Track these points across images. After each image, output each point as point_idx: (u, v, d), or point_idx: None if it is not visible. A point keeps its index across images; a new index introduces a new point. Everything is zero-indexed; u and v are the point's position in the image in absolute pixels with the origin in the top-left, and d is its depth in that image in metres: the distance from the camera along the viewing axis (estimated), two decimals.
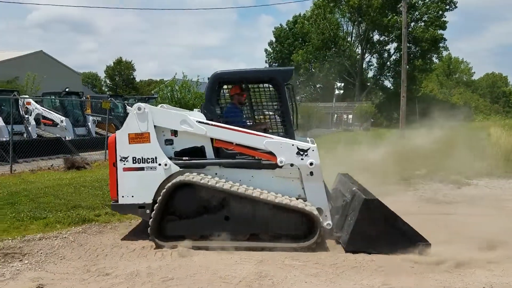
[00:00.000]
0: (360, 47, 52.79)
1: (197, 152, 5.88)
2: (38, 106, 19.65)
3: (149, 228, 5.47)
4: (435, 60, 52.16)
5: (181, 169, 5.69)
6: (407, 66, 29.56)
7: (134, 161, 5.73)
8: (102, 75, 68.50)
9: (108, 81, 66.94)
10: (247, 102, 6.42)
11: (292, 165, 5.61)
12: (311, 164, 5.57)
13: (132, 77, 67.26)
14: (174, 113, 6.01)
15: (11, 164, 11.88)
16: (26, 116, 18.56)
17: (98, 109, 22.36)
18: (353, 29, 53.54)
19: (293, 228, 5.44)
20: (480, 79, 76.07)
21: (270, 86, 6.24)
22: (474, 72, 79.42)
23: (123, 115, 24.33)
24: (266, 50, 58.30)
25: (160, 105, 6.63)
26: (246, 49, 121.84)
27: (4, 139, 14.62)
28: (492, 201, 8.45)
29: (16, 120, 15.45)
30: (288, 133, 5.97)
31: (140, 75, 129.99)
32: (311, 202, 5.61)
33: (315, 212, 5.39)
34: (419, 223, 6.59)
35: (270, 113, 6.42)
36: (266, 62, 58.64)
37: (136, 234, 6.10)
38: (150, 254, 5.24)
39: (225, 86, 6.46)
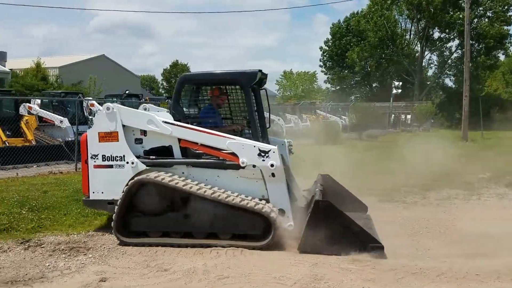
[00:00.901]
0: (419, 45, 50.88)
1: (166, 151, 6.01)
2: (101, 107, 20.61)
3: (112, 223, 5.66)
4: (501, 57, 49.29)
5: (147, 168, 5.83)
6: (470, 64, 28.12)
7: (104, 159, 5.93)
8: (159, 77, 70.81)
9: (164, 84, 69.04)
10: (225, 104, 6.65)
11: (254, 166, 5.63)
12: (272, 165, 5.56)
13: None
14: (141, 113, 6.19)
15: (76, 162, 12.53)
16: (90, 117, 19.50)
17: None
18: (411, 26, 51.74)
19: (250, 229, 5.49)
20: None
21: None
22: None
23: None
24: (321, 48, 57.63)
25: (142, 105, 6.85)
26: (301, 49, 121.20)
27: (70, 139, 15.46)
28: None
29: (81, 121, 16.26)
30: (254, 135, 6.01)
31: None
32: (274, 203, 5.62)
33: (272, 214, 5.36)
34: (485, 228, 6.28)
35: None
36: (320, 61, 57.92)
37: None
38: (206, 252, 5.32)
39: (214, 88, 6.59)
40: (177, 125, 5.88)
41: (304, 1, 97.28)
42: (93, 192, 6.03)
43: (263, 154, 5.60)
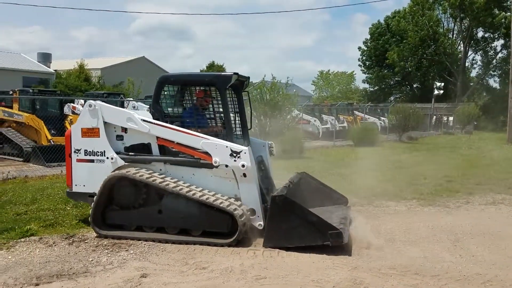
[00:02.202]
0: (462, 45, 49.22)
1: (145, 148, 6.18)
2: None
3: (89, 216, 5.90)
4: None
5: (126, 163, 6.03)
6: None
7: (86, 153, 6.22)
8: None
9: None
10: (209, 105, 6.82)
11: (226, 166, 5.76)
12: (243, 166, 5.68)
13: None
14: (121, 111, 6.43)
15: None
16: None
17: None
18: (454, 26, 50.12)
19: (219, 226, 5.61)
20: None
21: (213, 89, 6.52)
22: None
23: None
24: (359, 48, 56.77)
25: (131, 103, 7.01)
26: (339, 49, 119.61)
27: None
28: None
29: None
30: (228, 135, 6.11)
31: None
32: (245, 202, 5.79)
33: (236, 211, 5.47)
34: None
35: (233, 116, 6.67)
36: (359, 60, 56.99)
37: None
38: (243, 252, 5.33)
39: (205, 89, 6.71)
40: (154, 123, 6.08)
41: (343, 1, 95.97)
42: (76, 185, 6.34)
43: (234, 154, 5.75)
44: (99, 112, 6.18)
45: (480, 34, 48.29)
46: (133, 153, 6.19)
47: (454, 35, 50.35)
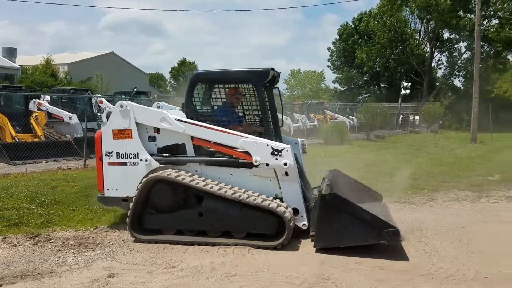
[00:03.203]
0: (428, 45, 50.58)
1: (179, 149, 6.01)
2: (109, 104, 20.71)
3: (127, 220, 5.65)
4: (510, 59, 48.84)
5: (161, 165, 5.83)
6: (480, 66, 27.89)
7: (118, 156, 5.97)
8: (167, 75, 71.05)
9: (172, 81, 69.20)
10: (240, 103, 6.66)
11: (267, 164, 5.60)
12: (285, 164, 5.54)
13: None
14: (154, 111, 6.18)
15: (85, 159, 12.63)
16: (99, 113, 19.64)
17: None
18: (421, 27, 51.45)
19: (265, 228, 5.44)
20: None
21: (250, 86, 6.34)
22: None
23: None
24: (329, 49, 57.52)
25: (155, 103, 6.83)
26: (310, 48, 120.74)
27: (79, 135, 15.57)
28: None
29: (90, 117, 16.36)
30: (266, 133, 5.99)
31: None
32: (287, 202, 5.62)
33: (286, 213, 5.32)
34: (494, 230, 6.25)
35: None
36: (328, 61, 57.81)
37: None
38: (214, 250, 5.32)
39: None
40: (190, 123, 5.88)
41: (315, 1, 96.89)
42: (108, 189, 6.06)
43: (276, 152, 5.58)
44: (130, 112, 5.94)
45: (446, 35, 49.78)
46: (167, 155, 5.99)
47: (421, 36, 51.69)
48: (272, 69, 6.13)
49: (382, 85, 56.71)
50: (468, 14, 44.91)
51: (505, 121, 39.56)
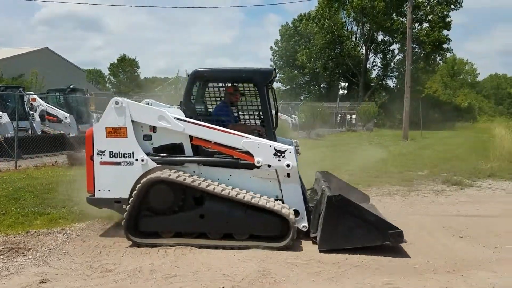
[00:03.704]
0: (364, 47, 52.69)
1: (176, 149, 5.84)
2: (43, 102, 19.75)
3: (123, 223, 5.46)
4: (439, 61, 52.06)
5: (158, 165, 5.65)
6: (411, 67, 29.47)
7: (111, 156, 5.67)
8: (106, 72, 68.81)
9: (112, 78, 67.10)
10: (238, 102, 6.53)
11: (269, 166, 5.54)
12: (288, 165, 5.50)
13: (136, 74, 67.35)
14: (152, 108, 5.94)
15: (16, 160, 11.96)
16: (31, 112, 18.65)
17: (102, 106, 22.41)
18: (357, 29, 53.48)
19: (268, 230, 5.41)
20: (484, 80, 75.73)
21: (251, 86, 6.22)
22: (479, 73, 79.10)
23: None
24: (271, 48, 58.29)
25: (144, 100, 6.61)
26: (253, 48, 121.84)
27: (10, 135, 14.69)
28: (496, 202, 8.44)
29: (21, 116, 15.52)
30: (268, 134, 5.91)
31: (146, 72, 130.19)
32: (288, 203, 5.59)
33: (291, 215, 5.36)
34: (423, 222, 6.65)
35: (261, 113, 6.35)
36: (271, 61, 58.60)
37: None
38: (153, 251, 5.24)
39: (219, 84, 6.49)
40: (190, 122, 5.67)
41: (258, 1, 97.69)
42: (99, 190, 5.72)
43: (279, 154, 5.50)
44: (126, 109, 5.59)
45: (380, 37, 52.07)
46: (164, 154, 5.71)
47: (357, 39, 53.72)
48: (275, 69, 6.08)
49: (322, 85, 58.36)
50: (401, 18, 47.28)
51: (434, 119, 42.18)
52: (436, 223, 6.75)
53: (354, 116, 43.67)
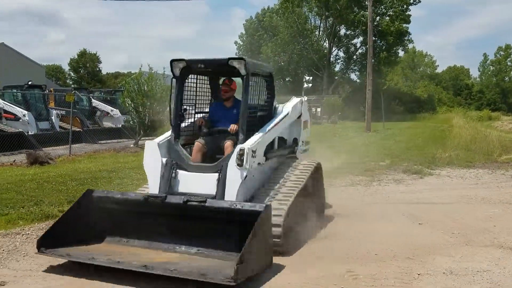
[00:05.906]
0: (327, 41, 53.28)
1: None
2: (0, 100, 18.97)
3: None
4: (400, 53, 53.30)
5: None
6: (373, 60, 30.09)
7: None
8: (66, 67, 66.78)
9: (72, 74, 65.24)
10: None
11: None
12: None
13: (97, 69, 65.74)
14: None
15: None
16: None
17: (62, 103, 21.73)
18: (320, 23, 54.00)
19: None
20: (443, 72, 78.14)
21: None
22: (438, 65, 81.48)
23: (88, 108, 23.72)
24: (236, 43, 58.14)
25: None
26: (217, 42, 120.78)
27: None
28: (453, 189, 8.77)
29: None
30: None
31: (108, 67, 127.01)
32: None
33: None
34: (384, 211, 6.84)
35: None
36: (236, 55, 58.38)
37: None
38: None
39: None
40: None
41: None
42: None
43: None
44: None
45: (342, 31, 52.78)
46: None
47: (321, 32, 54.27)
48: (173, 60, 5.89)
49: (287, 79, 58.67)
50: (363, 11, 48.02)
51: (396, 111, 43.24)
52: (396, 211, 6.94)
53: (319, 109, 44.17)
